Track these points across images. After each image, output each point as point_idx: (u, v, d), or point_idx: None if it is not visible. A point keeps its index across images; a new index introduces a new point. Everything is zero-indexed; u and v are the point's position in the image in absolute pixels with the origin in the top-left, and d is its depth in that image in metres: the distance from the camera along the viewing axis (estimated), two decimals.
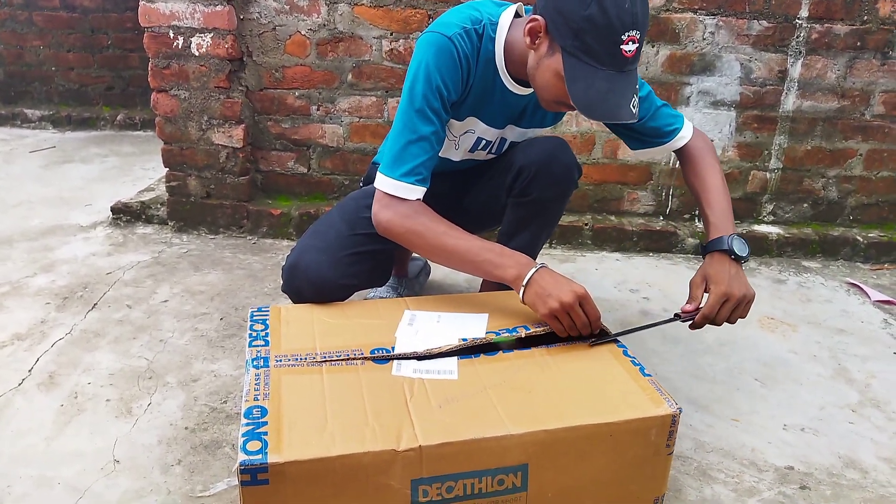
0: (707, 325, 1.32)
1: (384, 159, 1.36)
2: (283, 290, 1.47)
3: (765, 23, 2.31)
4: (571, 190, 1.56)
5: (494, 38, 1.35)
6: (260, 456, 0.93)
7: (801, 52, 2.35)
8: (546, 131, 1.63)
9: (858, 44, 2.33)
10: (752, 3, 2.28)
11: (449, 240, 1.31)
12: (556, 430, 1.05)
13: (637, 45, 1.17)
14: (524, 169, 1.49)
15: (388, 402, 1.08)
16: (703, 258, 1.38)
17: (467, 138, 1.52)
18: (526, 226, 1.58)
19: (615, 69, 1.17)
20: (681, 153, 1.54)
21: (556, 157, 1.48)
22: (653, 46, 2.33)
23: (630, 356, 1.24)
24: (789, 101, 2.41)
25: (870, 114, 2.43)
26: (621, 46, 1.15)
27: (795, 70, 2.37)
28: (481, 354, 1.25)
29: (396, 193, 1.33)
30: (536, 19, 1.22)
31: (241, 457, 0.93)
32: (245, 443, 0.96)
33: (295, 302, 1.46)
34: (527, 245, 1.57)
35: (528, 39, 1.25)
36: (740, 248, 1.34)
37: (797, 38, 2.33)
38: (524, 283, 1.24)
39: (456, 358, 1.22)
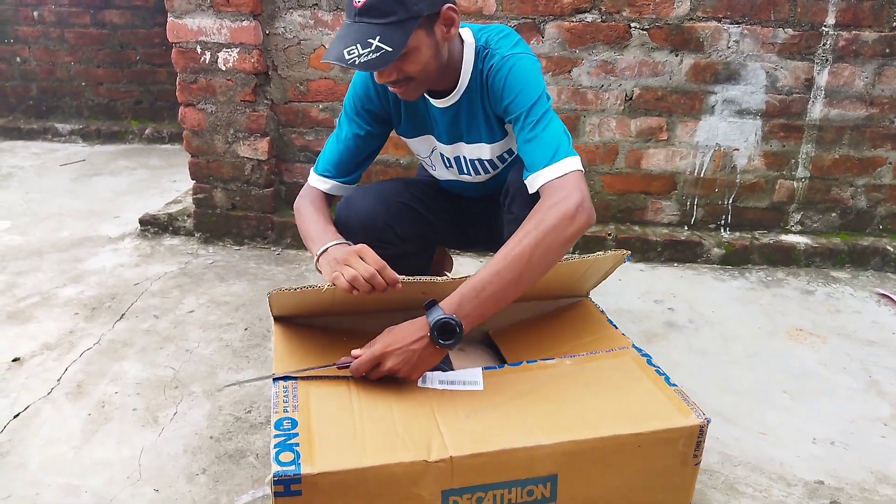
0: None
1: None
2: (334, 222, 1.50)
3: (790, 31, 2.28)
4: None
5: None
6: (293, 467, 0.95)
7: (827, 60, 2.32)
8: (498, 145, 1.50)
9: (887, 50, 2.30)
10: (777, 12, 2.26)
11: (302, 219, 1.45)
12: (586, 440, 1.04)
13: None
14: (508, 187, 1.48)
15: (417, 413, 1.09)
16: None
17: (435, 157, 1.58)
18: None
19: (349, 20, 1.23)
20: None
21: None
22: (677, 55, 2.31)
23: (654, 365, 1.23)
24: (816, 110, 2.38)
25: None
26: None
27: (822, 78, 2.34)
28: (505, 365, 1.26)
29: (312, 183, 1.52)
30: None
31: (275, 468, 0.94)
32: (277, 454, 0.97)
33: (342, 234, 1.43)
34: None
35: None
36: (445, 331, 1.12)
37: (824, 45, 2.30)
38: (317, 254, 1.32)
39: (480, 369, 1.23)
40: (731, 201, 2.50)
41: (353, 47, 1.20)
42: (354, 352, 1.18)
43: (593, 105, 2.37)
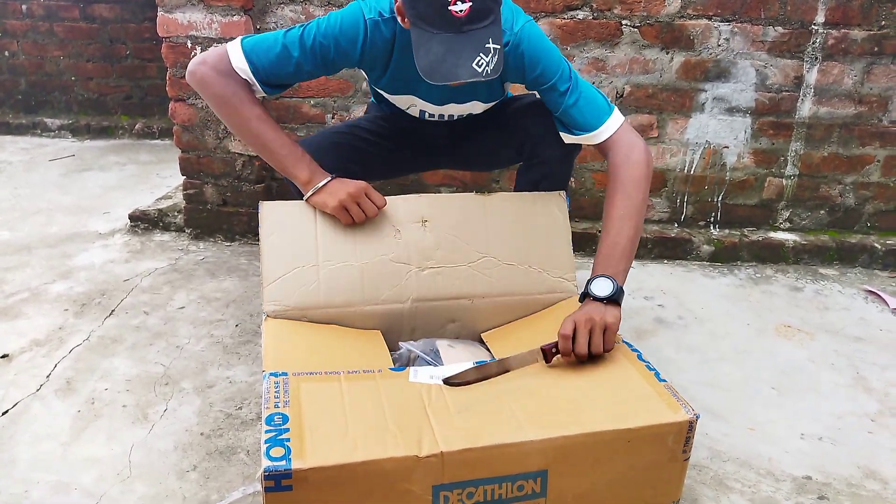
0: (575, 358, 1.23)
1: (256, 41, 1.40)
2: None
3: (780, 29, 2.29)
4: (576, 149, 1.58)
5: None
6: (284, 462, 0.94)
7: (817, 58, 2.33)
8: (492, 103, 1.62)
9: (876, 49, 2.31)
10: (767, 10, 2.27)
11: (258, 123, 1.40)
12: (576, 435, 1.05)
13: (469, 3, 1.17)
14: (528, 134, 1.55)
15: (408, 407, 1.09)
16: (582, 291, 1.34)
17: (412, 110, 1.60)
18: (536, 187, 1.61)
19: (452, 31, 1.19)
20: (605, 156, 1.46)
21: (554, 127, 1.51)
22: (667, 53, 2.32)
23: (645, 360, 1.24)
24: (805, 108, 2.39)
25: (887, 120, 2.40)
26: (449, 7, 1.17)
27: (811, 76, 2.35)
28: (495, 359, 1.27)
29: (239, 73, 1.38)
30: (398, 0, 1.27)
31: (266, 462, 0.94)
32: (268, 449, 0.97)
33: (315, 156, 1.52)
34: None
35: (400, 20, 1.31)
36: (600, 288, 1.26)
37: (813, 43, 2.31)
38: (314, 188, 1.39)
39: (472, 363, 1.23)
40: (720, 199, 2.51)
41: (479, 57, 1.19)
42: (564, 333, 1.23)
43: None
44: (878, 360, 1.83)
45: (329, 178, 1.42)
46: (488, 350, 1.42)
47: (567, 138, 1.50)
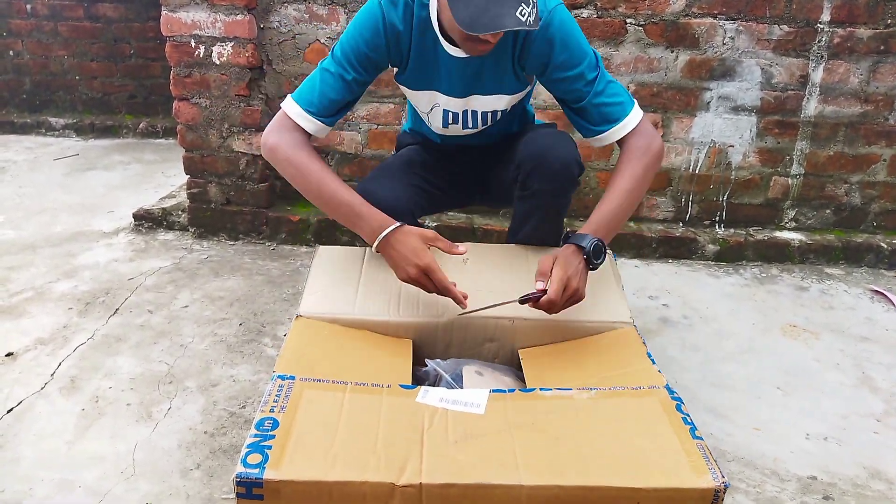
0: (543, 310, 1.28)
1: (302, 85, 1.43)
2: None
3: (786, 27, 2.28)
4: (570, 186, 1.51)
5: (427, 4, 1.36)
6: (257, 470, 0.93)
7: (822, 57, 2.32)
8: (516, 97, 1.54)
9: (882, 48, 2.30)
10: (772, 8, 2.26)
11: (319, 181, 1.37)
12: (574, 487, 0.95)
13: None
14: (523, 163, 1.48)
15: (404, 429, 1.04)
16: (561, 245, 1.36)
17: (436, 113, 1.55)
18: (528, 220, 1.57)
19: None
20: (621, 146, 1.45)
21: (555, 150, 1.45)
22: (672, 51, 2.32)
23: (683, 412, 1.10)
24: (811, 107, 2.38)
25: (894, 119, 2.39)
26: None
27: (817, 75, 2.34)
28: (516, 390, 1.18)
29: (296, 120, 1.40)
30: None
31: (239, 468, 0.92)
32: (247, 454, 0.95)
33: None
34: (530, 239, 1.58)
35: None
36: (596, 252, 1.31)
37: (819, 42, 2.30)
38: (377, 241, 1.34)
39: (487, 391, 1.15)
40: (725, 198, 2.50)
41: (521, 7, 1.16)
42: (538, 286, 1.26)
43: None
44: (884, 360, 1.82)
45: (395, 225, 1.33)
46: (521, 370, 1.33)
47: (590, 139, 1.46)
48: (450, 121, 1.55)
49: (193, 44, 2.30)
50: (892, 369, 1.77)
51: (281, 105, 1.43)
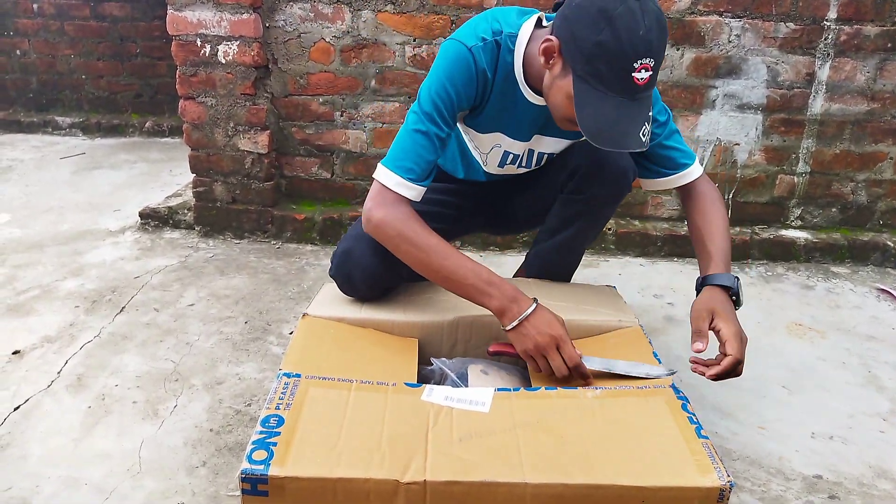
0: (733, 375, 1.22)
1: (392, 150, 1.35)
2: (331, 275, 1.48)
3: (792, 25, 2.28)
4: (625, 193, 1.53)
5: (514, 51, 1.33)
6: (262, 467, 0.93)
7: (829, 55, 2.31)
8: (579, 140, 1.55)
9: (889, 45, 2.29)
10: (779, 5, 2.26)
11: (437, 256, 1.27)
12: (578, 485, 0.94)
13: (651, 72, 1.13)
14: (580, 167, 1.48)
15: (409, 427, 1.04)
16: (700, 290, 1.33)
17: (495, 153, 1.52)
18: (571, 223, 1.57)
19: (626, 97, 1.14)
20: (686, 192, 1.49)
21: (614, 157, 1.47)
22: (678, 49, 2.31)
23: (689, 412, 1.11)
24: (817, 104, 2.37)
25: None
26: (633, 74, 1.12)
27: (823, 72, 2.33)
28: (521, 389, 1.18)
29: (397, 190, 1.31)
30: (551, 40, 1.19)
31: (244, 465, 0.93)
32: (252, 451, 0.95)
33: (342, 287, 1.47)
34: (567, 243, 1.58)
35: (542, 59, 1.23)
36: (741, 292, 1.31)
37: (825, 40, 2.29)
38: (518, 319, 1.22)
39: (492, 390, 1.15)
40: (731, 196, 2.49)
41: (644, 127, 1.17)
42: (698, 346, 1.23)
43: None
44: (890, 359, 1.81)
45: (533, 306, 1.24)
46: (526, 370, 1.33)
47: (648, 182, 1.50)
48: (508, 161, 1.54)
49: (199, 43, 2.31)
50: None
51: (375, 176, 1.33)
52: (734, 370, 1.21)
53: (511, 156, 1.52)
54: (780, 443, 1.46)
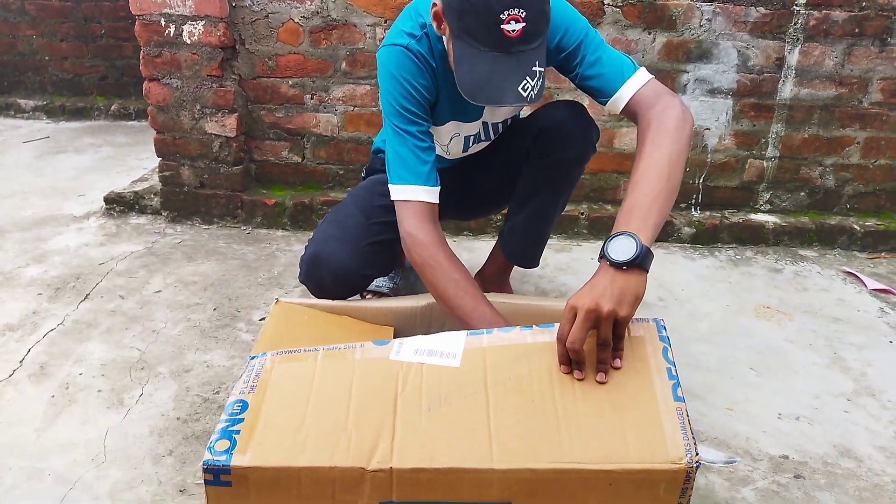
0: (568, 354, 1.03)
1: (391, 170, 1.34)
2: (301, 280, 1.48)
3: (762, 9, 2.28)
4: (589, 152, 1.53)
5: (441, 38, 1.33)
6: (224, 457, 0.92)
7: (798, 40, 2.33)
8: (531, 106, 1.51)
9: (857, 30, 2.31)
10: None
11: (456, 290, 1.27)
12: (545, 469, 0.94)
13: (523, 24, 1.11)
14: (542, 131, 1.48)
15: (376, 397, 1.01)
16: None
17: (456, 143, 1.53)
18: (541, 190, 1.56)
19: (501, 50, 1.13)
20: (636, 121, 1.30)
21: (574, 118, 1.47)
22: (649, 34, 2.31)
23: (670, 360, 1.07)
24: (787, 89, 2.39)
25: (868, 101, 2.41)
26: (502, 26, 1.11)
27: (793, 57, 2.35)
28: (495, 331, 1.11)
29: (420, 197, 1.31)
30: (436, 4, 1.20)
31: (206, 455, 0.92)
32: (215, 441, 0.94)
33: (314, 292, 1.46)
34: (539, 212, 1.58)
35: (435, 25, 1.23)
36: (617, 250, 1.06)
37: (795, 24, 2.31)
38: None
39: (465, 335, 1.10)
40: (701, 180, 2.51)
41: (525, 81, 1.13)
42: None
43: (566, 83, 2.36)
44: (856, 341, 1.84)
45: None
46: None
47: (607, 109, 1.36)
48: (471, 143, 1.54)
49: (163, 22, 2.25)
50: (863, 349, 1.80)
51: (393, 199, 1.34)
52: (571, 327, 1.02)
53: (471, 138, 1.52)
54: (748, 423, 1.48)
